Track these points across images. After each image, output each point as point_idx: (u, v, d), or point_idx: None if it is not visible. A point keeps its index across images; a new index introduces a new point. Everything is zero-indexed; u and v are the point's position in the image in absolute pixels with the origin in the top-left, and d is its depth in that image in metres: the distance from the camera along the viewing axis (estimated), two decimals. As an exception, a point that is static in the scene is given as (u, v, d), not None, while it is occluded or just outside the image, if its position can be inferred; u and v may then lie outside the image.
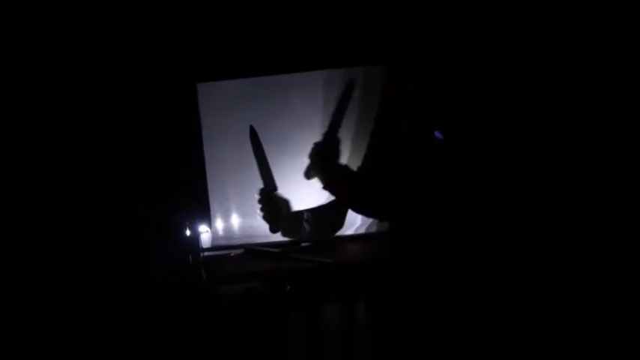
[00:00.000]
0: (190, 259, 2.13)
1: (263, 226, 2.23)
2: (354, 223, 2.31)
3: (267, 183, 2.22)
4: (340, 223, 2.25)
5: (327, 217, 2.23)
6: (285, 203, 2.23)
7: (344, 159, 2.23)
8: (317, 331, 2.05)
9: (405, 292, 1.99)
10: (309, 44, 2.17)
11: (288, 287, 2.06)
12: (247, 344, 2.03)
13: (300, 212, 2.22)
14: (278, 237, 2.23)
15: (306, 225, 2.20)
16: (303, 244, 2.20)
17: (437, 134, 1.98)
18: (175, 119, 2.17)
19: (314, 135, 2.23)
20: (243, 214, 2.31)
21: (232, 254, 2.18)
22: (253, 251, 2.17)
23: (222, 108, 2.24)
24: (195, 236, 2.19)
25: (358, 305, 2.08)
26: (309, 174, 2.21)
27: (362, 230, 2.31)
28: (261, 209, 2.21)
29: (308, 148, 2.22)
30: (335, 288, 2.06)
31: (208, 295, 2.04)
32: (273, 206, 2.21)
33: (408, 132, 2.03)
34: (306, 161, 2.22)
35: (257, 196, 2.22)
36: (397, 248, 2.06)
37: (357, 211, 2.23)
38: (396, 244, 2.08)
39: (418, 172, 1.99)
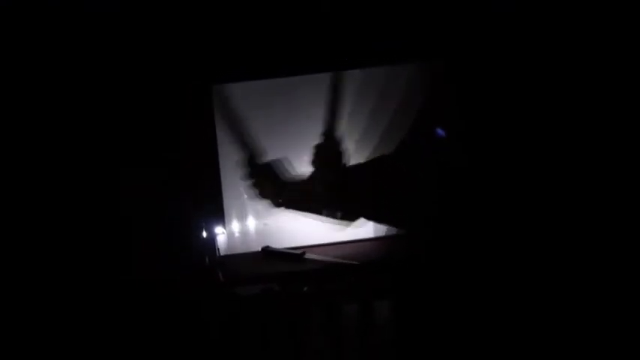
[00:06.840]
0: (207, 261, 2.13)
1: (277, 224, 2.24)
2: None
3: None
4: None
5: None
6: (278, 167, 1.86)
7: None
8: (336, 331, 2.06)
9: (424, 292, 2.00)
10: (322, 46, 2.17)
11: (305, 288, 2.07)
12: (263, 345, 2.05)
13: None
14: (295, 239, 2.22)
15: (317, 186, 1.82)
16: (319, 244, 2.21)
17: (439, 132, 1.95)
18: (190, 121, 2.16)
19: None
20: (257, 214, 2.31)
21: (249, 255, 2.19)
22: (270, 252, 2.17)
23: (236, 109, 2.24)
24: (212, 237, 2.19)
25: (377, 305, 2.09)
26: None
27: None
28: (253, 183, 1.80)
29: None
30: (353, 288, 2.07)
31: (225, 297, 2.05)
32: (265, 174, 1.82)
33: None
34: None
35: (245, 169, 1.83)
36: (415, 248, 2.07)
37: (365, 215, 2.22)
38: (414, 245, 2.09)
39: (425, 176, 2.00)
